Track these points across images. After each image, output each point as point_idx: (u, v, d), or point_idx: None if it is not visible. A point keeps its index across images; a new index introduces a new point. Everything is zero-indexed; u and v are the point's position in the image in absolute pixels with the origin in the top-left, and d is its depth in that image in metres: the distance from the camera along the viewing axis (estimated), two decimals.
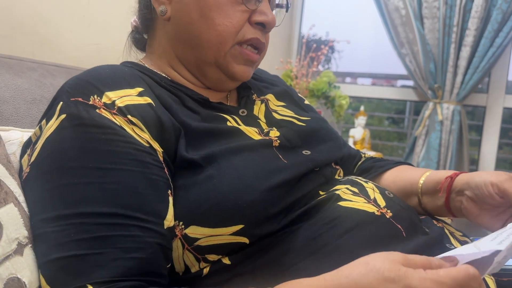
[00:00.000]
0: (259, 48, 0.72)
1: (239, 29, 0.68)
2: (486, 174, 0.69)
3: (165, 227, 0.55)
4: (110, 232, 0.51)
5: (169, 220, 0.56)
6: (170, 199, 0.57)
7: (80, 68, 1.06)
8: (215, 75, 0.72)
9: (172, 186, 0.59)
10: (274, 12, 0.75)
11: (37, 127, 0.60)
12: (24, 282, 0.51)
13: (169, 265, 0.57)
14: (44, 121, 0.59)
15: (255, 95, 0.80)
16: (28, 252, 0.54)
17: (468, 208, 0.71)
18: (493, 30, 1.90)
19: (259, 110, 0.77)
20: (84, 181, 0.53)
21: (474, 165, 2.22)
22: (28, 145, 0.61)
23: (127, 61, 0.76)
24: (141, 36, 0.80)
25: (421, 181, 0.79)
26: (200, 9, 0.67)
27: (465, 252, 0.47)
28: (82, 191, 0.52)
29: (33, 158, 0.57)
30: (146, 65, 0.73)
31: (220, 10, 0.67)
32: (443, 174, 0.76)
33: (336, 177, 0.76)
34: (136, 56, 0.81)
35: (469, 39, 1.94)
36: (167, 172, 0.59)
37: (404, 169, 0.86)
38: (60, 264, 0.50)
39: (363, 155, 0.95)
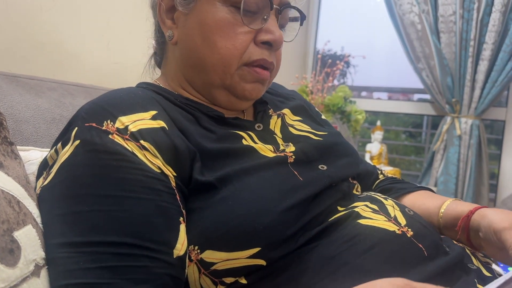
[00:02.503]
0: (268, 67, 0.70)
1: (243, 51, 0.67)
2: (494, 215, 0.66)
3: (175, 256, 0.54)
4: (119, 262, 0.50)
5: (179, 249, 0.55)
6: (181, 226, 0.57)
7: (99, 88, 1.07)
8: (224, 98, 0.71)
9: (184, 213, 0.58)
10: (284, 28, 0.74)
11: (53, 150, 0.61)
12: None
13: None
14: (59, 145, 0.59)
15: (272, 110, 0.80)
16: (45, 273, 0.54)
17: (485, 247, 0.69)
18: (511, 43, 1.88)
19: (275, 124, 0.76)
20: (95, 208, 0.52)
21: (494, 179, 2.18)
22: (45, 167, 0.62)
23: (143, 82, 0.76)
24: (159, 57, 0.81)
25: (441, 215, 0.76)
26: (203, 33, 0.66)
27: None
28: (92, 219, 0.52)
29: (46, 182, 0.57)
30: (161, 85, 0.74)
31: (222, 32, 0.66)
32: (461, 209, 0.73)
33: (354, 192, 0.75)
34: (154, 76, 0.82)
35: (486, 53, 1.93)
36: (178, 199, 0.58)
37: (423, 195, 0.83)
38: None
39: (379, 172, 0.94)
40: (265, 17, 0.67)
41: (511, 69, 1.90)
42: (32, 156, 0.70)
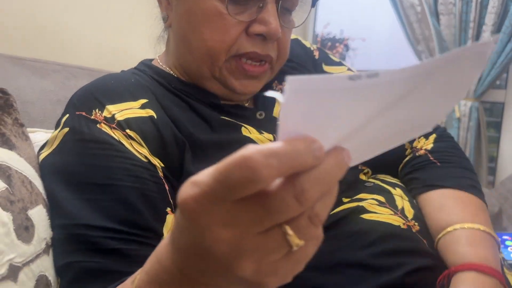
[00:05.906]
0: (263, 60, 0.63)
1: (232, 44, 0.61)
2: None
3: None
4: (108, 245, 0.50)
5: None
6: (168, 217, 0.56)
7: (101, 70, 1.08)
8: (218, 89, 0.66)
9: (172, 203, 0.57)
10: (291, 13, 0.67)
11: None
12: (50, 280, 0.53)
13: None
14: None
15: (276, 82, 0.73)
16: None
17: None
18: (510, 25, 1.87)
19: (279, 111, 0.74)
20: (83, 197, 0.53)
21: (493, 162, 2.19)
22: (42, 148, 0.63)
23: (143, 62, 0.73)
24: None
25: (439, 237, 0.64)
26: (190, 22, 0.62)
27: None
28: (80, 206, 0.52)
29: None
30: (160, 64, 0.71)
31: (209, 22, 0.60)
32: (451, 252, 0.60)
33: (361, 176, 0.71)
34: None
35: (486, 34, 1.92)
36: (167, 189, 0.57)
37: (442, 202, 0.66)
38: (59, 271, 0.52)
39: (407, 148, 0.78)
40: (261, 5, 0.60)
41: (511, 50, 1.89)
42: (38, 138, 0.71)
